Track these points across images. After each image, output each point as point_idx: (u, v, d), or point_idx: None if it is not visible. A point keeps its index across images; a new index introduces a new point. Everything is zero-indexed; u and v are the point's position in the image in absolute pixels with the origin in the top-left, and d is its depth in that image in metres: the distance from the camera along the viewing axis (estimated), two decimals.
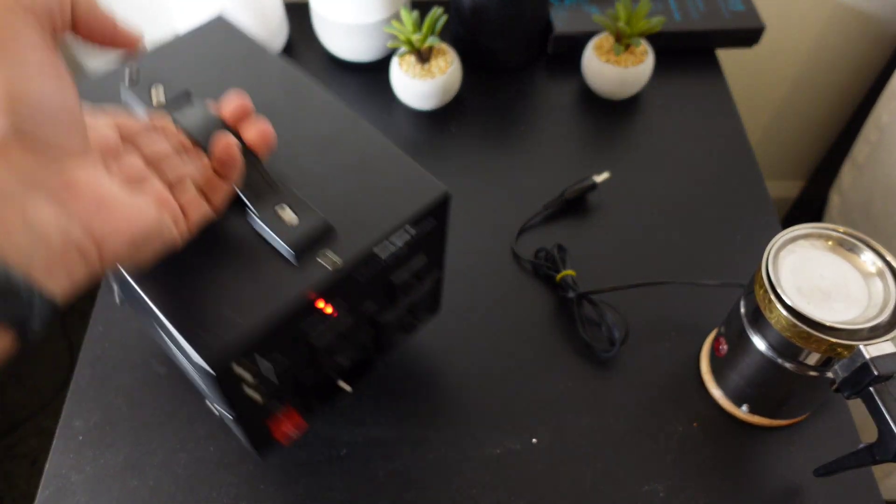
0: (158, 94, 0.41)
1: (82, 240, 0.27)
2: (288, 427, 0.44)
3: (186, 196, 0.35)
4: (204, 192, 0.36)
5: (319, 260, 0.37)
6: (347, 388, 0.46)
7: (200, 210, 0.36)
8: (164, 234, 0.32)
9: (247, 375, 0.36)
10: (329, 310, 0.38)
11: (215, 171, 0.37)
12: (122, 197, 0.30)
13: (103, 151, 0.32)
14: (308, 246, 0.37)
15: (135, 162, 0.33)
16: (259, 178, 0.38)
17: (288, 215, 0.37)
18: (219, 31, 0.48)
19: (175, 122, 0.37)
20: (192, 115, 0.38)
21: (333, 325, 0.40)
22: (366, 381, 0.56)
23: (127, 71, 0.42)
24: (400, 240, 0.39)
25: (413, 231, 0.39)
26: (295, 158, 0.41)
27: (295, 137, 0.42)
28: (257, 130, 0.38)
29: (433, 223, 0.41)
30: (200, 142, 0.37)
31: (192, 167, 0.36)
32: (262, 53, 0.46)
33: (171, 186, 0.35)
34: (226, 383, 0.35)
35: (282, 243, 0.36)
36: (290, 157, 0.41)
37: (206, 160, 0.37)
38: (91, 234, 0.28)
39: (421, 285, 0.45)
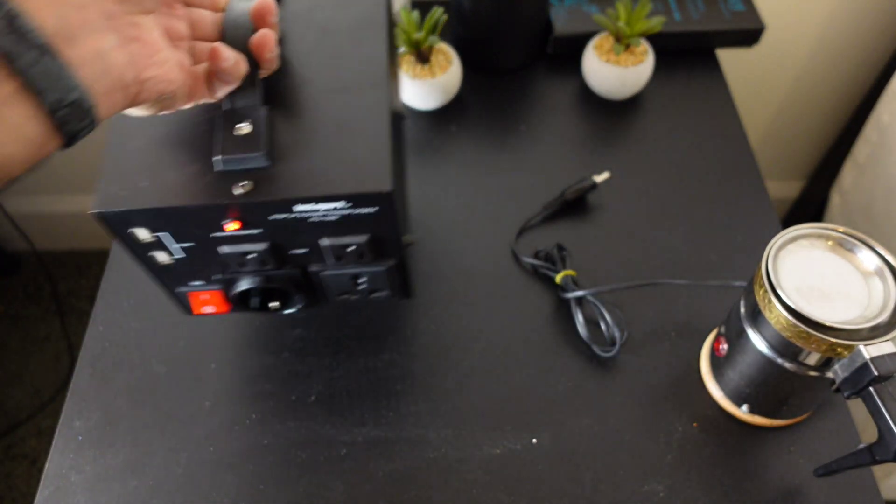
0: None
1: (131, 82, 0.32)
2: (202, 300, 0.48)
3: (197, 74, 0.37)
4: (209, 77, 0.38)
5: (238, 183, 0.39)
6: (274, 306, 0.49)
7: (202, 93, 0.38)
8: (176, 100, 0.36)
9: (142, 237, 0.41)
10: (233, 226, 0.41)
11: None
12: (170, 56, 0.34)
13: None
14: (235, 167, 0.40)
15: (180, 25, 0.37)
16: (251, 83, 0.40)
17: (242, 131, 0.39)
18: None
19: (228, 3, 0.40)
20: (239, 6, 0.40)
21: (236, 240, 0.42)
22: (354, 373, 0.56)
23: None
24: (328, 208, 0.40)
25: (346, 208, 0.40)
26: (302, 86, 0.43)
27: (319, 67, 0.44)
28: (258, 37, 0.39)
29: (375, 211, 0.41)
30: (225, 34, 0.39)
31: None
32: None
33: (193, 58, 0.38)
34: (116, 233, 0.41)
35: (219, 150, 0.39)
36: (300, 83, 0.43)
37: None
38: (138, 79, 0.32)
39: (362, 261, 0.45)
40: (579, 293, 0.59)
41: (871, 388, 0.41)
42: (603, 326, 0.58)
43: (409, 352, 0.58)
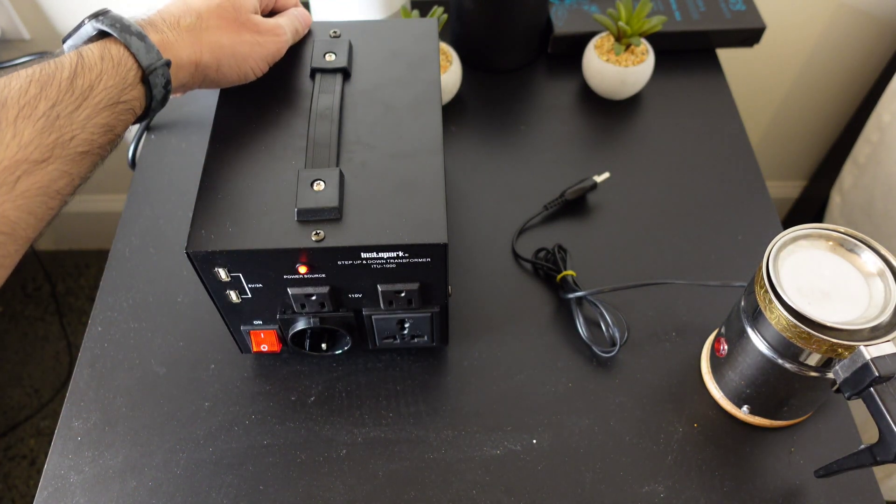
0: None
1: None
2: (261, 339, 0.53)
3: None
4: None
5: (312, 231, 0.44)
6: (323, 347, 0.54)
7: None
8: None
9: (221, 276, 0.46)
10: (302, 270, 0.46)
11: None
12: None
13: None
14: (310, 218, 0.44)
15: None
16: (328, 143, 0.47)
17: (318, 188, 0.45)
18: (425, 29, 0.56)
19: None
20: None
21: (303, 282, 0.47)
22: (362, 380, 0.56)
23: None
24: (388, 257, 0.45)
25: (404, 257, 0.45)
26: (369, 152, 0.48)
27: (383, 136, 0.49)
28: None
29: (428, 261, 0.46)
30: None
31: None
32: (431, 58, 0.54)
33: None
34: (200, 271, 0.46)
35: (297, 203, 0.44)
36: (367, 150, 0.48)
37: None
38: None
39: (410, 307, 0.50)
40: (579, 293, 0.58)
41: (871, 389, 0.41)
42: (603, 326, 0.58)
43: (408, 352, 0.58)
